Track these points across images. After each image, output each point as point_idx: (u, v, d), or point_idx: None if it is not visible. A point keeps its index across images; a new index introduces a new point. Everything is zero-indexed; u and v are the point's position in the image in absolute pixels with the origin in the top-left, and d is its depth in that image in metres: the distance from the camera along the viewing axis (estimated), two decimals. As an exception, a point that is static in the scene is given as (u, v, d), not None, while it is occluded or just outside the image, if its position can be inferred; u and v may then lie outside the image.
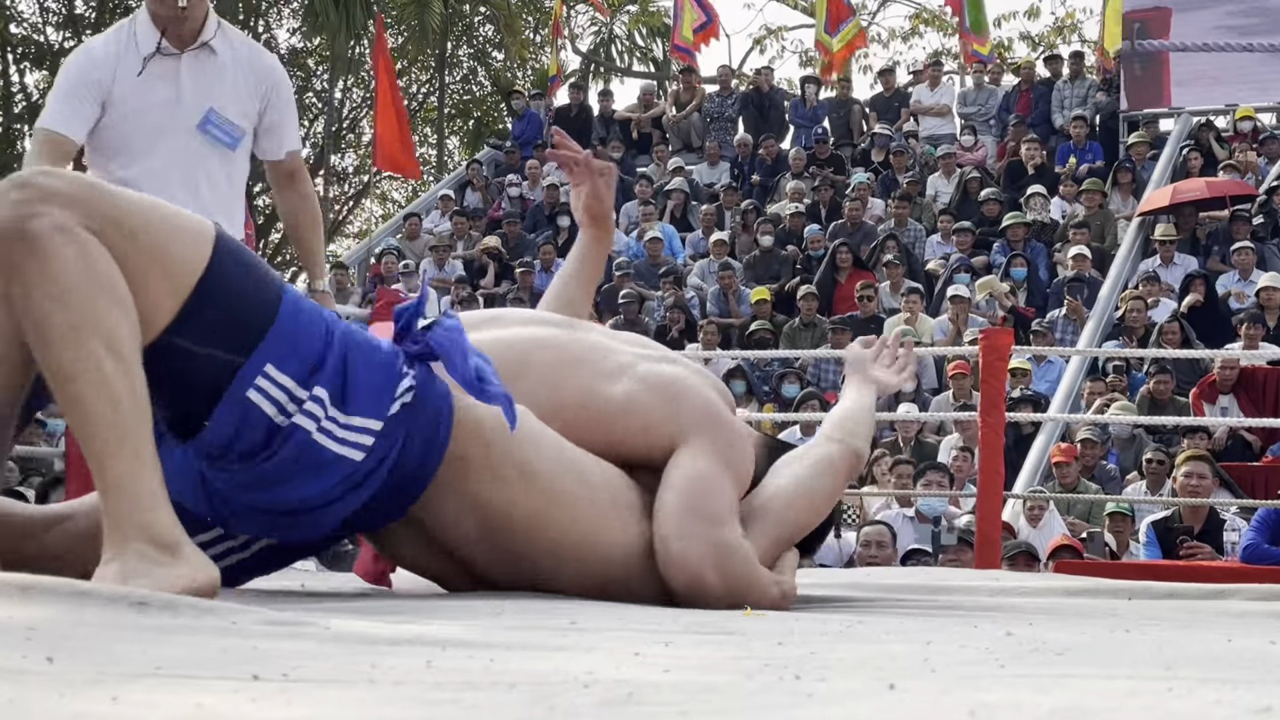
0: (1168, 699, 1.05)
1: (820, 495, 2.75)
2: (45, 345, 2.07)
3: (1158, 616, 2.41)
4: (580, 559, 2.49)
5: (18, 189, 2.08)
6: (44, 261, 2.04)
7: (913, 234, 15.37)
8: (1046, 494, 9.67)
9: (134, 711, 1.15)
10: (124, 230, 2.12)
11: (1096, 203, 15.17)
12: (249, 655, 1.52)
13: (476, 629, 1.79)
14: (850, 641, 1.79)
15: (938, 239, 15.25)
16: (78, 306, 2.05)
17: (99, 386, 2.07)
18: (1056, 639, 1.73)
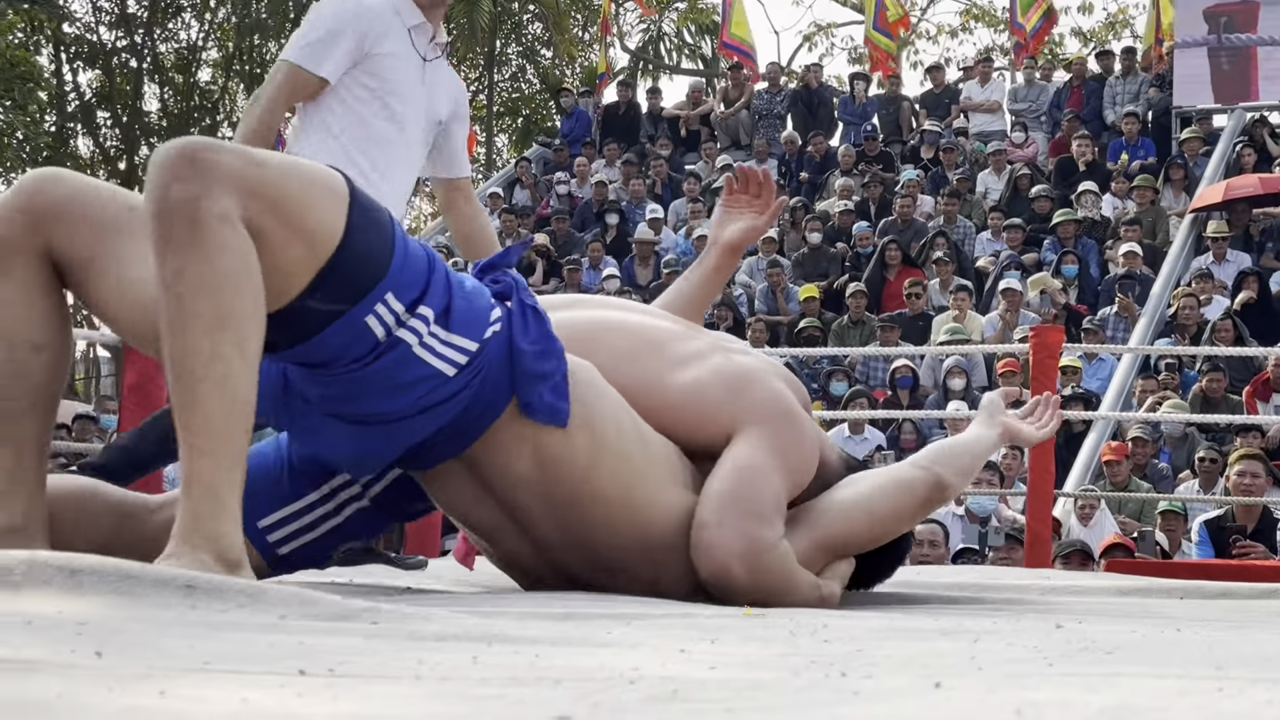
0: (1218, 699, 1.04)
1: (883, 514, 2.69)
2: (182, 331, 2.09)
3: (1209, 616, 2.39)
4: (626, 517, 2.49)
5: (189, 165, 2.08)
6: (204, 250, 2.06)
7: (962, 231, 15.32)
8: (1097, 493, 9.63)
9: (182, 706, 1.16)
10: (275, 208, 2.15)
11: (1148, 199, 15.10)
12: (295, 650, 1.52)
13: (523, 625, 1.79)
14: (896, 639, 1.79)
15: (988, 236, 15.19)
16: (225, 303, 2.08)
17: (221, 387, 2.10)
18: (1106, 638, 1.72)
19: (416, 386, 2.30)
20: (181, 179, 2.08)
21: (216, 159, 2.10)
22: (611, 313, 2.74)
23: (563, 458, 2.42)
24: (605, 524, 2.48)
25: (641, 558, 2.51)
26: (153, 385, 4.98)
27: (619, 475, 2.47)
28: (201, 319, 2.08)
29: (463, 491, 2.51)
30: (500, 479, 2.45)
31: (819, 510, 2.66)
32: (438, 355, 2.30)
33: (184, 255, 2.07)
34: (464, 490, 2.51)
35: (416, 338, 2.28)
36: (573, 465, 2.43)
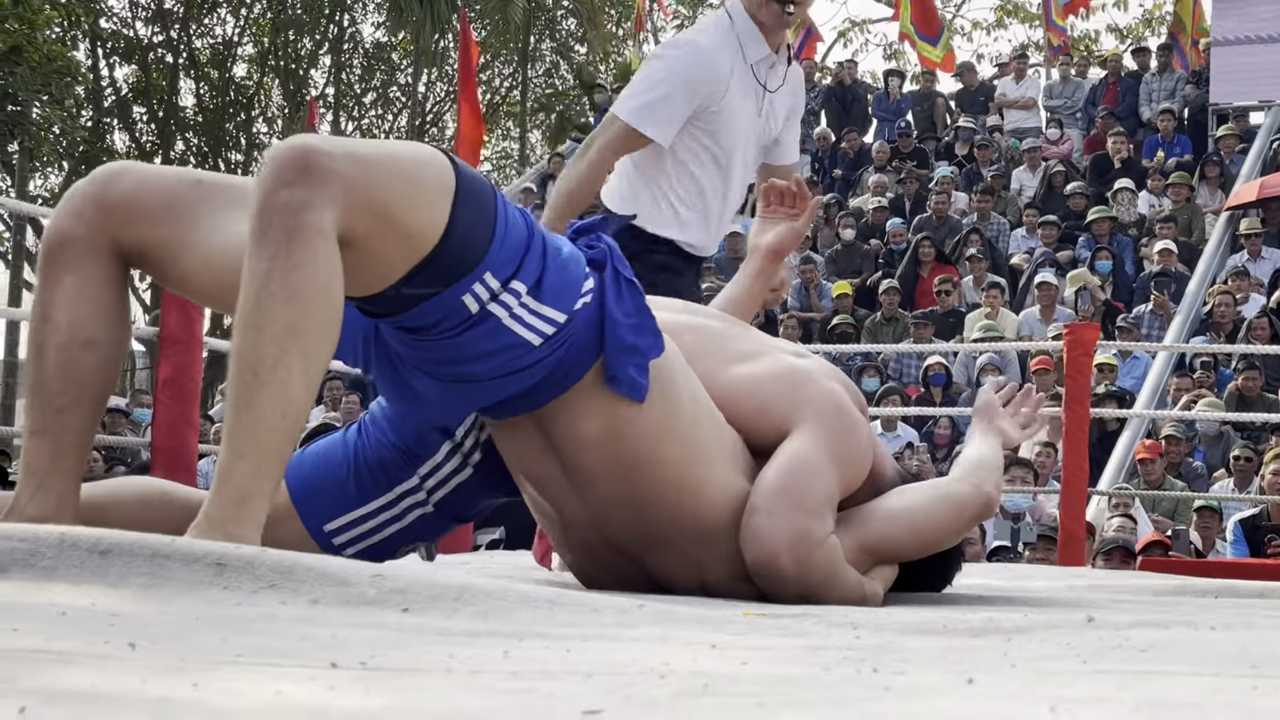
0: (1253, 697, 1.03)
1: (931, 523, 2.73)
2: (254, 331, 2.11)
3: (1245, 616, 2.38)
4: (684, 492, 2.50)
5: (301, 170, 2.11)
6: (295, 258, 2.09)
7: (996, 228, 15.30)
8: (1132, 491, 9.60)
9: (215, 698, 1.16)
10: (377, 214, 2.18)
11: (1184, 196, 15.05)
12: (328, 643, 1.52)
13: (554, 618, 1.79)
14: (928, 635, 1.78)
15: (1022, 233, 15.16)
16: (301, 314, 2.10)
17: (278, 395, 2.11)
18: (1140, 636, 1.71)
19: (503, 354, 2.33)
20: (290, 184, 2.10)
21: (330, 167, 2.12)
22: (676, 315, 2.77)
23: (632, 428, 2.44)
24: (661, 496, 2.50)
25: (692, 535, 2.53)
26: (187, 379, 4.99)
27: (683, 452, 2.49)
28: (275, 325, 2.10)
29: (529, 444, 2.53)
30: (567, 438, 2.46)
31: (869, 513, 2.69)
32: (526, 326, 2.32)
33: (274, 259, 2.09)
34: (530, 443, 2.53)
35: (507, 311, 2.31)
36: (640, 436, 2.45)
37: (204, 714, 1.07)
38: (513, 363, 2.34)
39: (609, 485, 2.49)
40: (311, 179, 2.11)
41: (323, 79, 28.13)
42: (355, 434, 2.82)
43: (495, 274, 2.28)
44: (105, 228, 2.40)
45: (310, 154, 2.13)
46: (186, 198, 2.44)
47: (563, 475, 2.52)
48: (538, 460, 2.54)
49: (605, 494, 2.51)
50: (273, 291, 2.09)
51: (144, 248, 2.43)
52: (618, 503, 2.51)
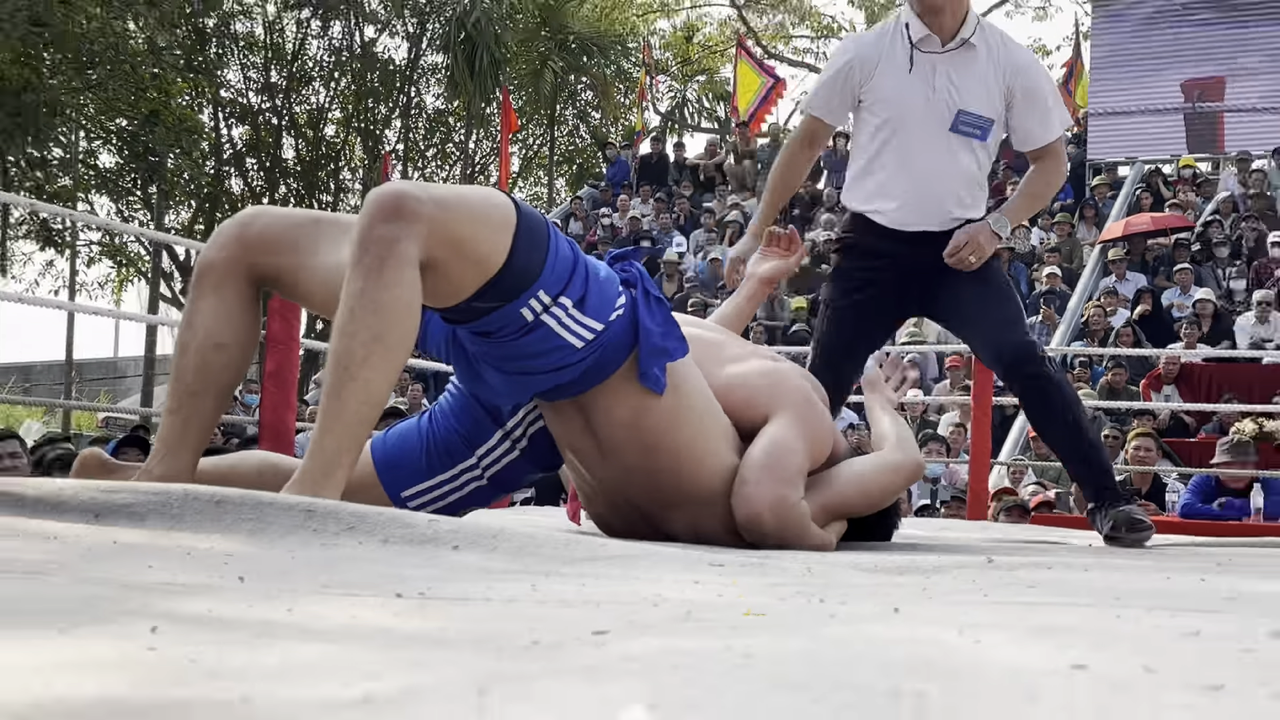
0: (1117, 623, 1.03)
1: (877, 486, 2.77)
2: (347, 336, 2.15)
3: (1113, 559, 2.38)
4: (689, 464, 2.52)
5: (395, 211, 2.15)
6: (383, 280, 2.13)
7: (920, 256, 15.31)
8: (1025, 461, 9.61)
9: (305, 620, 1.16)
10: (453, 247, 2.20)
11: (1066, 232, 15.11)
12: (394, 579, 1.52)
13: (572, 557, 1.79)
14: (866, 573, 1.78)
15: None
16: (385, 325, 2.14)
17: (362, 388, 2.15)
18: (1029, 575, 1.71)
19: (553, 354, 2.35)
20: (386, 221, 2.14)
21: (417, 209, 2.16)
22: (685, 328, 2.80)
23: (651, 413, 2.46)
24: (672, 466, 2.51)
25: (694, 498, 2.54)
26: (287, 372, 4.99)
27: (690, 433, 2.51)
28: (364, 332, 2.14)
29: (571, 423, 2.54)
30: (602, 420, 2.47)
31: (828, 479, 2.71)
32: (571, 332, 2.34)
33: (367, 279, 2.14)
34: (573, 422, 2.53)
35: (556, 320, 2.33)
36: (658, 420, 2.46)
37: (296, 633, 1.07)
38: (560, 361, 2.36)
39: (633, 457, 2.50)
40: (403, 218, 2.15)
41: (394, 137, 28.10)
42: (427, 421, 2.85)
43: (547, 291, 2.30)
44: (243, 258, 2.46)
45: (403, 197, 2.17)
46: (307, 233, 2.49)
47: (597, 449, 2.53)
48: (578, 436, 2.54)
49: (629, 464, 2.52)
50: (364, 305, 2.14)
51: (275, 273, 2.49)
52: (639, 470, 2.52)
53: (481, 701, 0.66)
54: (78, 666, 0.84)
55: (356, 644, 1.00)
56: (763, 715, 0.60)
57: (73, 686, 0.76)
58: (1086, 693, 0.68)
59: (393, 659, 0.91)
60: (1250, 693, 0.70)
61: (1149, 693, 0.69)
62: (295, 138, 27.28)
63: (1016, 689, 0.69)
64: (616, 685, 0.69)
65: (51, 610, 1.14)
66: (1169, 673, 0.75)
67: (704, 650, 0.82)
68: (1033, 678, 0.72)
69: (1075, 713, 0.63)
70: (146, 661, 0.88)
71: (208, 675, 0.84)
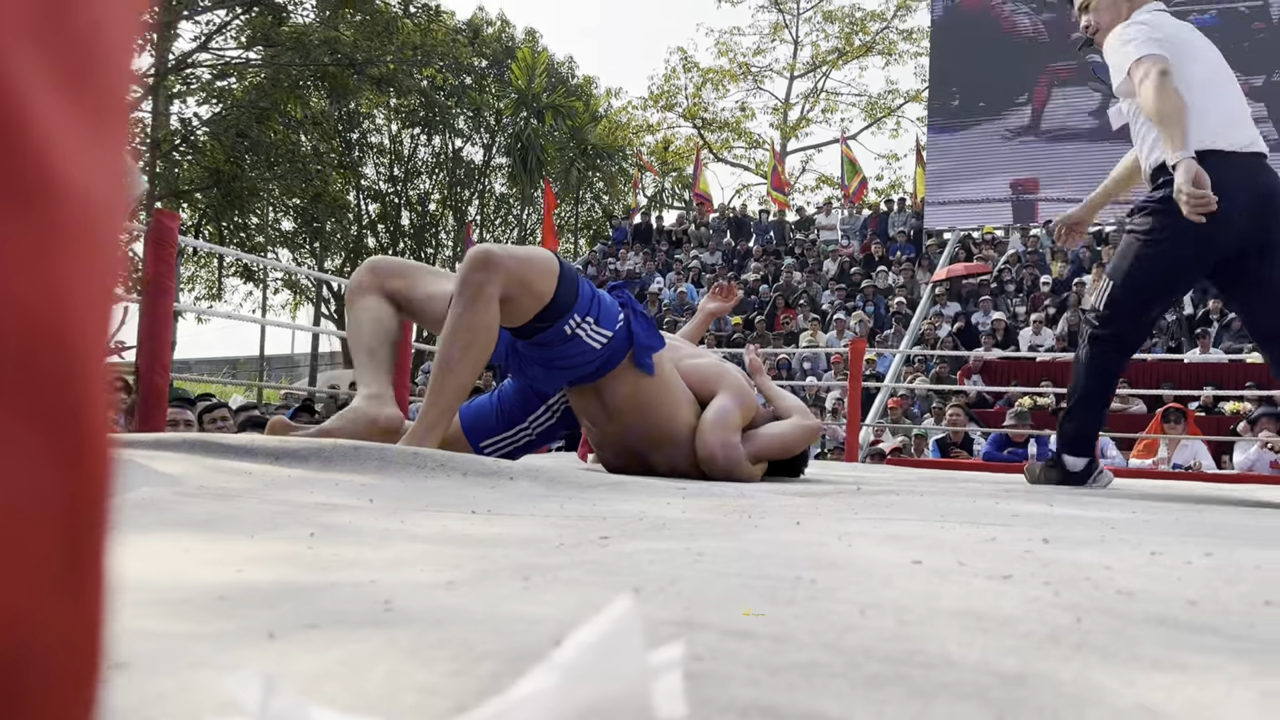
0: (942, 532, 1.02)
1: (791, 441, 2.72)
2: (447, 345, 2.18)
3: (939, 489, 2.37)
4: (667, 420, 2.49)
5: (484, 262, 2.18)
6: (474, 309, 2.16)
7: (815, 290, 15.25)
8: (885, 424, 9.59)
9: (411, 528, 1.14)
10: (522, 286, 2.22)
11: (910, 275, 15.07)
12: (471, 500, 1.51)
13: (587, 487, 1.78)
14: (778, 498, 1.77)
15: (829, 294, 15.13)
16: (471, 339, 2.17)
17: (457, 380, 2.18)
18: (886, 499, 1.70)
19: (581, 354, 2.34)
20: (479, 269, 2.16)
21: (499, 263, 2.18)
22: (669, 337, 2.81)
23: (644, 388, 2.44)
24: (656, 421, 2.49)
25: (670, 442, 2.51)
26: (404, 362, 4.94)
27: (670, 400, 2.49)
28: (458, 342, 2.16)
29: (588, 398, 2.50)
30: (611, 394, 2.45)
31: (757, 436, 2.68)
32: (592, 339, 2.34)
33: (464, 309, 2.16)
34: (589, 397, 2.50)
35: (585, 333, 2.33)
36: (649, 392, 2.45)
37: (405, 538, 1.05)
38: (585, 359, 2.35)
39: (631, 417, 2.48)
40: (490, 267, 2.16)
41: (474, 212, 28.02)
42: (496, 398, 2.83)
43: (578, 314, 2.30)
44: (376, 280, 2.46)
45: (490, 254, 2.19)
46: (412, 272, 2.51)
47: (605, 413, 2.50)
48: (593, 406, 2.51)
49: (629, 422, 2.49)
50: (461, 325, 2.16)
51: (393, 294, 2.47)
52: (635, 425, 2.50)
53: (526, 583, 0.65)
54: (260, 560, 0.83)
55: (445, 545, 0.99)
56: (712, 593, 0.59)
57: (257, 574, 0.75)
58: (921, 578, 0.67)
59: (467, 555, 0.90)
60: (1027, 579, 0.70)
61: (962, 579, 0.68)
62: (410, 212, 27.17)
63: (876, 576, 0.68)
64: (614, 576, 0.68)
65: (242, 522, 1.13)
66: (976, 566, 0.74)
67: (671, 550, 0.81)
68: (886, 569, 0.71)
69: (913, 591, 0.62)
70: (306, 557, 0.87)
71: (348, 565, 0.83)
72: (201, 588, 0.67)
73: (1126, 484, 3.39)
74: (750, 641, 0.46)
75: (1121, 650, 0.47)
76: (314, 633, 0.48)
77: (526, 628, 0.48)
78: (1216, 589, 0.67)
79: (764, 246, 17.64)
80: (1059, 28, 17.26)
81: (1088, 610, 0.58)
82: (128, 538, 0.96)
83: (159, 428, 4.05)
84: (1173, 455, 7.71)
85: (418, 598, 0.61)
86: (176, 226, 4.18)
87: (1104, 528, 1.11)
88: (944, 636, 0.49)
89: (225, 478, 1.69)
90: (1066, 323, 12.36)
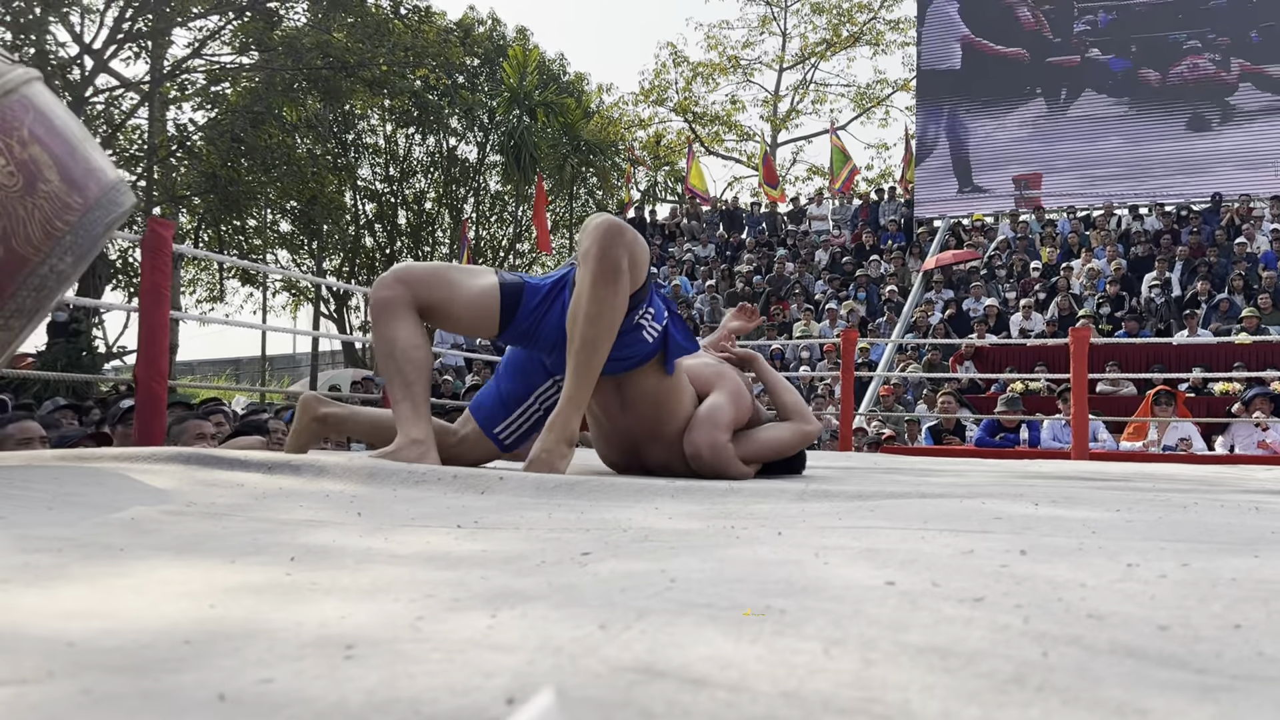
0: (921, 543, 1.00)
1: (785, 444, 2.69)
2: (592, 322, 2.20)
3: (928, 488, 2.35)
4: (673, 415, 2.49)
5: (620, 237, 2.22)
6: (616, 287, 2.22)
7: (808, 281, 15.24)
8: (877, 412, 9.59)
9: (394, 546, 1.13)
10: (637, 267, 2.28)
11: (901, 262, 15.05)
12: (459, 513, 1.49)
13: (574, 496, 1.76)
14: (765, 499, 1.75)
15: (821, 283, 15.12)
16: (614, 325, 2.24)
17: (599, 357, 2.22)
18: (870, 504, 1.68)
19: (637, 344, 2.35)
20: (618, 244, 2.19)
21: (628, 240, 2.22)
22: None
23: (662, 385, 2.45)
24: (666, 416, 2.48)
25: (669, 438, 2.50)
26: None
27: (679, 397, 2.49)
28: (605, 324, 2.20)
29: (607, 389, 2.49)
30: (633, 387, 2.45)
31: (752, 437, 2.66)
32: (648, 332, 2.36)
33: (606, 286, 2.19)
34: (608, 388, 2.49)
35: (645, 324, 2.35)
36: (665, 389, 2.45)
37: (387, 558, 1.04)
38: (637, 350, 2.36)
39: (646, 409, 2.48)
40: (625, 244, 2.21)
41: (469, 209, 27.97)
42: (494, 384, 2.75)
43: (641, 310, 2.33)
44: (408, 293, 2.39)
45: (623, 227, 2.24)
46: (444, 276, 2.45)
47: (621, 404, 2.49)
48: (610, 397, 2.50)
49: (642, 413, 2.49)
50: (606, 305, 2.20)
51: (429, 303, 2.41)
52: (648, 418, 2.49)
53: (492, 621, 0.64)
54: (235, 591, 0.82)
55: (423, 567, 0.97)
56: (678, 630, 0.58)
57: (229, 608, 0.74)
58: (892, 604, 0.66)
59: (444, 580, 0.88)
60: (999, 600, 0.68)
61: (933, 604, 0.67)
62: (406, 210, 27.12)
63: (847, 602, 0.67)
64: (583, 608, 0.67)
65: (226, 543, 1.12)
66: (949, 586, 0.73)
67: (647, 574, 0.80)
68: (858, 593, 0.70)
69: (881, 621, 0.61)
70: (283, 585, 0.86)
71: (323, 594, 0.81)
72: (168, 629, 0.65)
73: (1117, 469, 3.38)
74: (707, 693, 0.45)
75: (1084, 693, 0.46)
76: (267, 690, 0.47)
77: (481, 681, 0.47)
78: (1189, 610, 0.66)
79: (756, 238, 17.62)
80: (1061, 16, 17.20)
81: (1055, 640, 0.56)
82: (108, 566, 0.94)
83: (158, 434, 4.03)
84: (1163, 437, 7.71)
85: (381, 641, 0.59)
86: (171, 234, 4.15)
87: (1084, 533, 1.10)
88: (906, 681, 0.47)
89: (217, 492, 1.67)
90: (1056, 307, 12.36)
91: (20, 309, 2.08)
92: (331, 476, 1.90)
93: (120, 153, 17.49)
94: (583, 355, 2.21)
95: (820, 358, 12.06)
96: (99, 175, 2.23)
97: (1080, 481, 2.45)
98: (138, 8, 16.35)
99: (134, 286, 17.74)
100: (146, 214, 16.42)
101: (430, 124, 26.19)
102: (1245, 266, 12.70)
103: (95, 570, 0.90)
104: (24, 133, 2.09)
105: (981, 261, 14.59)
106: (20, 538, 1.11)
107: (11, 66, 2.15)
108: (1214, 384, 9.51)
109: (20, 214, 2.04)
